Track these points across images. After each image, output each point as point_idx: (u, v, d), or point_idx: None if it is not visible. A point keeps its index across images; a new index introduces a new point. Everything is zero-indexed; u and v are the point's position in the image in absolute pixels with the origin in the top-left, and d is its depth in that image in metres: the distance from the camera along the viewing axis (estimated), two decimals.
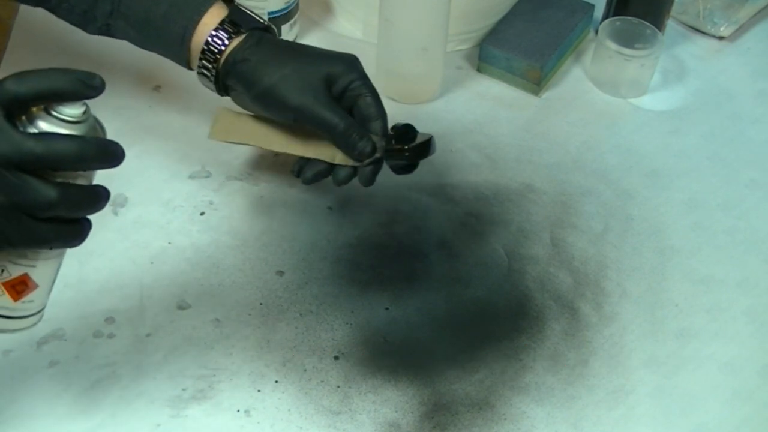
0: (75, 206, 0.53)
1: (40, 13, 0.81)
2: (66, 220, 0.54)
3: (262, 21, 0.78)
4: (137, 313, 0.74)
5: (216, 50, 0.75)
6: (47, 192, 0.51)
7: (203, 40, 0.75)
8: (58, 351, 0.71)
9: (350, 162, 0.75)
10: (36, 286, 0.57)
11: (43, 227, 0.53)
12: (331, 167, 0.76)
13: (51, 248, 0.56)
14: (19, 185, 0.51)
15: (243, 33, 0.75)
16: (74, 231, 0.55)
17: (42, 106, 0.52)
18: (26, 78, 0.51)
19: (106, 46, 0.88)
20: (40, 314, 0.59)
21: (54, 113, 0.52)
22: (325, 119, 0.73)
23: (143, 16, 0.76)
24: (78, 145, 0.52)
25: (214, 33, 0.75)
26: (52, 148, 0.51)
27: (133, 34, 0.78)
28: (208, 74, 0.77)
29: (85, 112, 0.53)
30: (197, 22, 0.75)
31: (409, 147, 0.75)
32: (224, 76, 0.76)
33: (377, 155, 0.74)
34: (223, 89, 0.78)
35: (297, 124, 0.76)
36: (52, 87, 0.51)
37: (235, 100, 0.79)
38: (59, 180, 0.52)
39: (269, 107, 0.75)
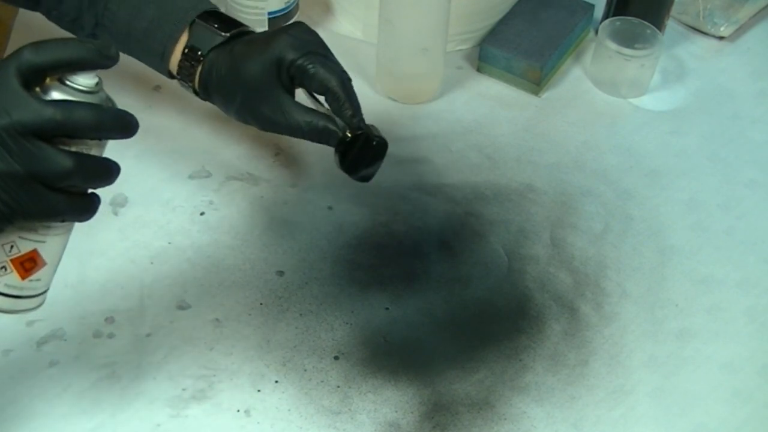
0: (90, 177, 0.54)
1: (39, 14, 0.82)
2: (78, 192, 0.54)
3: (221, 35, 0.77)
4: (137, 313, 0.74)
5: (187, 77, 0.78)
6: (64, 161, 0.51)
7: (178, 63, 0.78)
8: (58, 351, 0.71)
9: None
10: (44, 263, 0.56)
11: (57, 197, 0.53)
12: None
13: (63, 221, 0.56)
14: (36, 154, 0.51)
15: (201, 60, 0.77)
16: (86, 203, 0.55)
17: (56, 76, 0.52)
18: (44, 47, 0.51)
19: None
20: (44, 295, 0.59)
21: (69, 83, 0.52)
22: (290, 128, 0.74)
23: (125, 30, 0.78)
24: (96, 113, 0.52)
25: (181, 62, 0.77)
26: (71, 114, 0.51)
27: (118, 45, 0.80)
28: (191, 92, 0.80)
29: (98, 83, 0.53)
30: (176, 40, 0.77)
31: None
32: (205, 98, 0.79)
33: (354, 133, 0.74)
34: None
35: None
36: (69, 56, 0.52)
37: None
38: (74, 150, 0.52)
39: (248, 123, 0.78)
